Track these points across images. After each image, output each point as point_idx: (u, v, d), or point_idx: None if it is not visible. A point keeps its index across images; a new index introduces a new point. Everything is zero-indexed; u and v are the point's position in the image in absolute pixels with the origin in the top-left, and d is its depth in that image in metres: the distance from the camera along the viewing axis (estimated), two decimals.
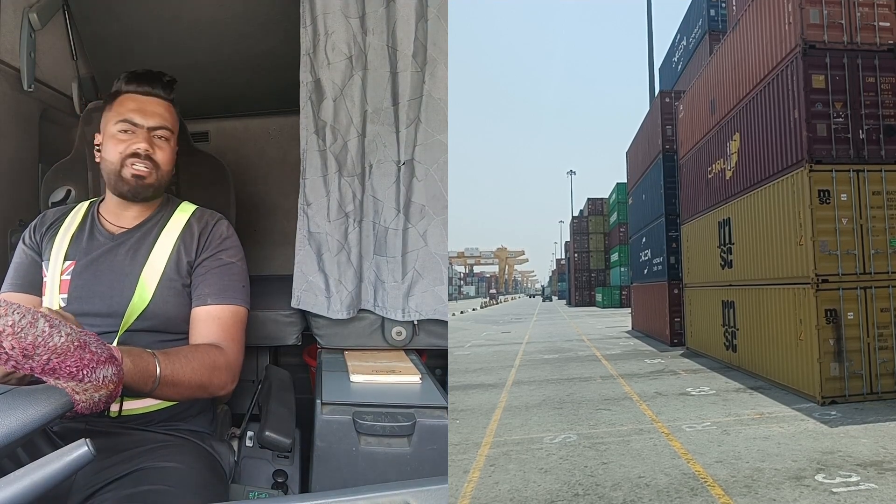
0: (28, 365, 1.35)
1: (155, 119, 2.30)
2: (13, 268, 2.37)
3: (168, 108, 2.37)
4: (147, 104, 2.31)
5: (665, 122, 12.94)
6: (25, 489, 1.22)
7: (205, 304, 2.25)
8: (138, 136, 2.26)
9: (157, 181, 2.31)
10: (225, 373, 2.09)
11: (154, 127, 2.29)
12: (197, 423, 2.33)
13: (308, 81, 2.74)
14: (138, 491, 1.86)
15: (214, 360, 2.07)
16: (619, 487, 4.02)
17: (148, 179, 2.27)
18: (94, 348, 1.46)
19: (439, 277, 2.68)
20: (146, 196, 2.32)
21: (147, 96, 2.33)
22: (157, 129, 2.30)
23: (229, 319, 2.24)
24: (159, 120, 2.31)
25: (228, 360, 2.14)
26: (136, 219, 2.37)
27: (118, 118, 2.28)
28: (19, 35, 3.19)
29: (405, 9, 2.61)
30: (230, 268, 2.33)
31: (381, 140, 2.70)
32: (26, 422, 1.33)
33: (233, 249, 2.39)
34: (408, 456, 2.33)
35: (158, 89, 2.36)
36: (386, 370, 2.68)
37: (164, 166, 2.33)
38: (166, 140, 2.33)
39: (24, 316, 1.33)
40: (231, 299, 2.28)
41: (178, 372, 1.88)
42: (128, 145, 2.25)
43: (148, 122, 2.28)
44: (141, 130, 2.27)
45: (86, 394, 1.44)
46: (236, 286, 2.32)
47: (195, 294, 2.28)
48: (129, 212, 2.37)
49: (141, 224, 2.36)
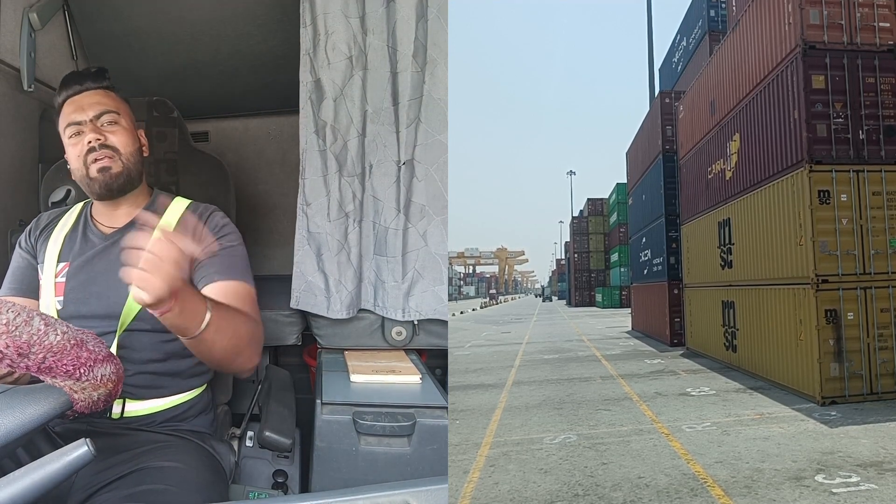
0: (24, 363, 1.35)
1: (93, 109, 2.26)
2: (10, 272, 2.36)
3: (104, 94, 2.32)
4: (82, 99, 2.27)
5: (665, 123, 12.93)
6: (25, 489, 1.21)
7: (213, 282, 2.13)
8: (85, 130, 2.23)
9: (125, 167, 2.26)
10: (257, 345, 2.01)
11: (97, 115, 2.25)
12: (198, 423, 2.33)
13: (308, 81, 2.74)
14: (138, 490, 1.86)
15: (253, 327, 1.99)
16: (619, 488, 4.02)
17: (114, 168, 2.23)
18: (92, 346, 1.46)
19: (439, 277, 2.68)
20: (121, 186, 2.27)
21: (80, 94, 2.29)
22: (99, 116, 2.25)
23: (246, 295, 2.15)
24: (98, 108, 2.26)
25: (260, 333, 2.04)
26: (129, 215, 2.34)
27: (65, 125, 2.26)
28: (19, 35, 3.19)
29: (405, 9, 2.61)
30: (231, 250, 2.27)
31: (381, 140, 2.70)
32: (25, 421, 1.33)
33: (231, 235, 2.34)
34: (408, 456, 2.33)
35: (88, 82, 2.31)
36: (386, 370, 2.68)
37: (125, 149, 2.27)
38: (115, 123, 2.28)
39: (18, 314, 1.33)
40: (240, 276, 2.19)
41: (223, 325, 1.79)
42: (81, 145, 2.23)
43: (87, 114, 2.24)
44: (86, 125, 2.24)
45: (84, 392, 1.44)
46: (242, 265, 2.25)
47: (198, 277, 2.16)
48: (119, 210, 2.34)
49: (134, 220, 2.31)
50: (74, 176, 2.28)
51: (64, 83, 2.33)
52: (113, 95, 2.35)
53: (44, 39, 3.37)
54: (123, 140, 2.28)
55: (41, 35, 3.33)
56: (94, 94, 2.30)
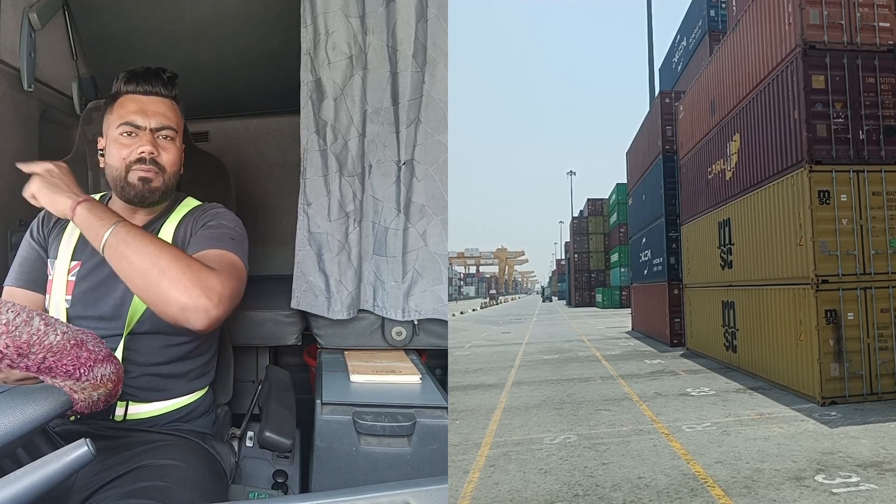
0: (23, 363, 1.34)
1: (158, 119, 2.20)
2: (18, 261, 2.31)
3: (171, 106, 2.27)
4: (148, 104, 2.21)
5: (665, 123, 12.93)
6: (25, 489, 1.21)
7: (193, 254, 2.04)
8: (142, 138, 2.17)
9: (164, 184, 2.22)
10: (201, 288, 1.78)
11: (158, 128, 2.20)
12: (199, 423, 2.33)
13: (308, 81, 2.74)
14: (138, 487, 1.85)
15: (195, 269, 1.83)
16: (619, 488, 4.02)
17: (154, 183, 2.18)
18: (91, 346, 1.46)
19: (439, 277, 2.68)
20: (153, 201, 2.23)
21: (148, 96, 2.23)
22: (160, 129, 2.20)
23: (217, 258, 2.01)
24: (162, 120, 2.21)
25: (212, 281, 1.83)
26: (144, 220, 2.30)
27: (120, 121, 2.18)
28: (19, 35, 3.19)
29: (405, 9, 2.61)
30: (218, 226, 2.21)
31: (381, 140, 2.70)
32: (25, 421, 1.33)
33: (223, 216, 2.28)
34: (408, 456, 2.33)
35: (159, 87, 2.25)
36: (386, 370, 2.68)
37: (170, 167, 2.23)
38: (171, 140, 2.23)
39: (18, 314, 1.33)
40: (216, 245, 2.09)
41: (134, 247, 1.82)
42: (132, 150, 2.16)
43: (150, 122, 2.18)
44: (144, 133, 2.17)
45: (84, 392, 1.44)
46: (224, 238, 2.15)
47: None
48: (137, 216, 2.28)
49: (147, 224, 2.28)
50: (108, 172, 2.22)
51: (134, 77, 2.25)
52: (177, 110, 2.30)
53: (44, 39, 3.37)
54: (172, 159, 2.24)
55: (41, 35, 3.33)
56: (162, 102, 2.25)
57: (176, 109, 2.30)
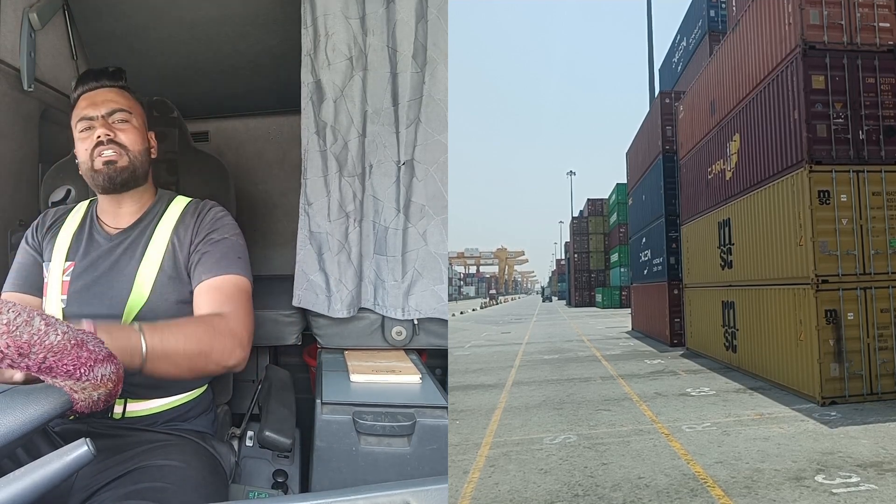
0: (24, 363, 1.34)
1: (107, 105, 2.30)
2: (15, 268, 2.38)
3: (119, 92, 2.37)
4: (96, 96, 2.32)
5: (665, 123, 12.93)
6: (25, 489, 1.21)
7: (201, 281, 2.20)
8: (96, 126, 2.27)
9: (131, 164, 2.29)
10: (228, 338, 1.98)
11: (108, 112, 2.29)
12: (199, 423, 2.33)
13: (309, 82, 2.74)
14: (138, 488, 1.86)
15: (214, 324, 1.99)
16: (618, 488, 4.02)
17: (120, 163, 2.26)
18: (92, 346, 1.46)
19: (439, 276, 2.68)
20: (125, 181, 2.29)
21: (95, 90, 2.34)
22: (111, 113, 2.30)
23: (230, 288, 2.18)
24: (111, 105, 2.31)
25: (231, 325, 2.03)
26: (133, 215, 2.37)
27: (76, 120, 2.31)
28: (19, 35, 3.19)
29: (405, 10, 2.61)
30: (223, 243, 2.30)
31: (381, 140, 2.70)
32: (25, 421, 1.33)
33: (225, 227, 2.36)
34: (408, 456, 2.33)
35: (104, 80, 2.36)
36: (386, 370, 2.68)
37: (134, 147, 2.31)
38: (126, 122, 2.32)
39: (19, 314, 1.33)
40: (226, 269, 2.22)
41: (168, 342, 1.81)
42: (91, 139, 2.26)
43: (100, 110, 2.29)
44: (97, 121, 2.28)
45: (84, 392, 1.44)
46: (231, 257, 2.27)
47: (193, 277, 2.24)
48: (123, 208, 2.36)
49: (137, 222, 2.36)
50: (81, 169, 2.31)
51: (81, 79, 2.38)
52: (127, 95, 2.40)
53: (44, 39, 3.37)
54: (132, 138, 2.32)
55: (41, 35, 3.33)
56: (109, 91, 2.35)
57: (126, 95, 2.40)
